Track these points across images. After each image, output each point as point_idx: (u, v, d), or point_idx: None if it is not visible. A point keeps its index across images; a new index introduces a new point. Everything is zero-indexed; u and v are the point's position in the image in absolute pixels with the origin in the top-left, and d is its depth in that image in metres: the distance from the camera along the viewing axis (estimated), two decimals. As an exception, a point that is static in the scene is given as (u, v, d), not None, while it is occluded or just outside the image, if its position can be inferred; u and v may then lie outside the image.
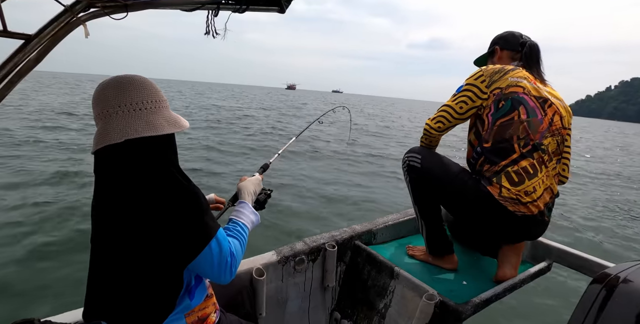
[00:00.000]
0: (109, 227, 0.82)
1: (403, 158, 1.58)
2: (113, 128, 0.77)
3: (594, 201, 6.64)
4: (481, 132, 1.39)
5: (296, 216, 4.43)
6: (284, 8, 1.20)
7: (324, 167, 7.23)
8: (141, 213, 0.78)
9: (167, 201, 0.78)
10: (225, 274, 0.86)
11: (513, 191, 1.29)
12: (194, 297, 0.90)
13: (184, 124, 0.86)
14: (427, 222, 1.60)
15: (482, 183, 1.34)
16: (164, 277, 0.82)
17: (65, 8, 0.84)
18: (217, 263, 0.84)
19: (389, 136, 14.65)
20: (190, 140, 9.36)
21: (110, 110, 0.78)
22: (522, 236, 1.47)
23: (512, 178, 1.29)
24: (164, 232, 0.78)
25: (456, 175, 1.42)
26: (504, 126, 1.32)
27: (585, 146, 19.30)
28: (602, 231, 4.91)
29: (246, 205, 1.08)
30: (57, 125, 10.32)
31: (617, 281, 0.97)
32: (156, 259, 0.80)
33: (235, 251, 0.89)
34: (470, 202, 1.38)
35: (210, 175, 6.11)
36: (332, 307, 1.73)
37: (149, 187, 0.78)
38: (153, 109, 0.81)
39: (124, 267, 0.82)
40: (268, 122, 16.24)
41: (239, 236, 0.96)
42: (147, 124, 0.78)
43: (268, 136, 11.41)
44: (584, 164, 11.29)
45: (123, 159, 0.79)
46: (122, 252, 0.81)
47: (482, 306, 1.34)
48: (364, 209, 4.91)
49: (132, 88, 0.79)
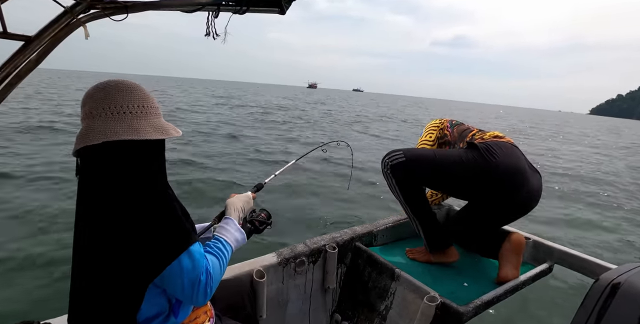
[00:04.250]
0: (85, 231, 0.79)
1: (382, 162, 1.62)
2: (93, 129, 0.75)
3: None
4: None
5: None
6: (284, 9, 1.20)
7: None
8: (111, 219, 0.75)
9: (137, 208, 0.75)
10: (198, 295, 0.79)
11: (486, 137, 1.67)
12: (179, 314, 0.85)
13: (173, 132, 0.83)
14: (421, 219, 1.64)
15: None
16: (125, 291, 0.76)
17: (65, 9, 0.84)
18: (188, 280, 0.77)
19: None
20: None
21: (94, 112, 0.77)
22: (518, 184, 1.53)
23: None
24: (131, 241, 0.74)
25: (438, 150, 1.64)
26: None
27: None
28: (603, 232, 4.91)
29: (231, 221, 1.01)
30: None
31: (619, 283, 0.96)
32: (121, 270, 0.75)
33: (212, 270, 0.82)
34: (464, 164, 1.51)
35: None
36: (333, 309, 1.73)
37: (121, 193, 0.75)
38: (138, 114, 0.79)
39: (93, 276, 0.78)
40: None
41: (218, 253, 0.88)
42: (129, 128, 0.76)
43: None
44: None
45: (100, 162, 0.76)
46: (92, 259, 0.78)
47: (484, 307, 1.33)
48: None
49: (119, 92, 0.78)
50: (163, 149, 0.84)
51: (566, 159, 11.37)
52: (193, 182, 5.40)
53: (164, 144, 0.84)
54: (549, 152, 12.61)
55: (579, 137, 22.13)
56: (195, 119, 13.54)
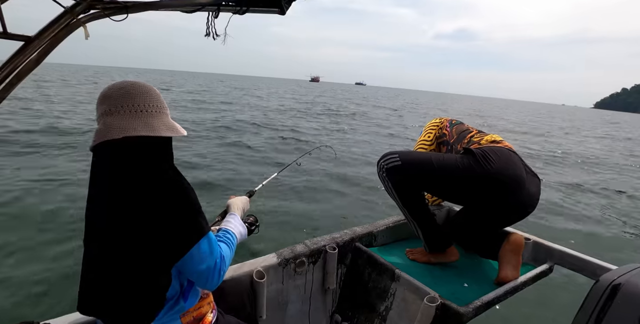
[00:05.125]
0: (102, 223, 0.84)
1: (378, 165, 1.62)
2: (114, 126, 0.81)
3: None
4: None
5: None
6: (284, 9, 1.20)
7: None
8: (134, 209, 0.80)
9: (160, 197, 0.80)
10: (214, 277, 0.86)
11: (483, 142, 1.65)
12: (188, 299, 0.91)
13: (181, 131, 0.90)
14: (420, 221, 1.64)
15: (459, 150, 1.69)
16: (153, 273, 0.83)
17: (65, 9, 0.84)
18: (207, 263, 0.84)
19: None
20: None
21: (112, 109, 0.83)
22: (516, 184, 1.50)
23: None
24: (154, 226, 0.80)
25: (434, 155, 1.60)
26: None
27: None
28: (604, 232, 4.90)
29: (236, 217, 1.11)
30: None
31: (620, 284, 0.96)
32: (146, 254, 0.81)
33: (225, 255, 0.90)
34: (460, 170, 1.49)
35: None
36: (333, 309, 1.72)
37: (142, 183, 0.80)
38: (153, 113, 0.85)
39: (116, 262, 0.83)
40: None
41: (228, 242, 0.97)
42: (146, 125, 0.83)
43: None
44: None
45: (120, 156, 0.82)
46: (114, 247, 0.83)
47: (484, 308, 1.33)
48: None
49: (136, 92, 0.85)
50: (171, 145, 0.91)
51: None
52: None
53: (172, 141, 0.91)
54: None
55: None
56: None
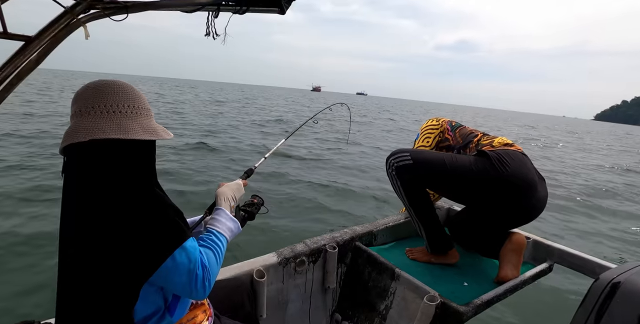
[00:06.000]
0: (71, 232, 0.78)
1: (387, 162, 1.60)
2: (81, 127, 0.75)
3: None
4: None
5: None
6: (284, 9, 1.20)
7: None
8: (99, 219, 0.73)
9: (126, 207, 0.74)
10: (197, 290, 0.79)
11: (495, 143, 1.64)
12: (175, 312, 0.85)
13: (163, 135, 0.82)
14: (425, 222, 1.63)
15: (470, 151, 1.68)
16: (118, 290, 0.75)
17: (65, 9, 0.84)
18: (186, 276, 0.77)
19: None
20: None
21: (83, 110, 0.76)
22: (527, 188, 1.49)
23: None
24: (122, 240, 0.73)
25: (447, 155, 1.57)
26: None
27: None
28: (604, 232, 4.91)
29: (222, 211, 0.99)
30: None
31: (619, 282, 0.96)
32: (113, 269, 0.74)
33: (207, 263, 0.81)
34: (473, 172, 1.47)
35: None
36: (333, 308, 1.73)
37: (108, 192, 0.74)
38: (128, 113, 0.78)
39: (81, 276, 0.77)
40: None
41: (213, 246, 0.88)
42: (118, 127, 0.76)
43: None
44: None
45: (87, 160, 0.75)
46: (80, 259, 0.76)
47: (484, 307, 1.33)
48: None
49: (110, 91, 0.78)
50: (153, 150, 0.84)
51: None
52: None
53: (155, 145, 0.84)
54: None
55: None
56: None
